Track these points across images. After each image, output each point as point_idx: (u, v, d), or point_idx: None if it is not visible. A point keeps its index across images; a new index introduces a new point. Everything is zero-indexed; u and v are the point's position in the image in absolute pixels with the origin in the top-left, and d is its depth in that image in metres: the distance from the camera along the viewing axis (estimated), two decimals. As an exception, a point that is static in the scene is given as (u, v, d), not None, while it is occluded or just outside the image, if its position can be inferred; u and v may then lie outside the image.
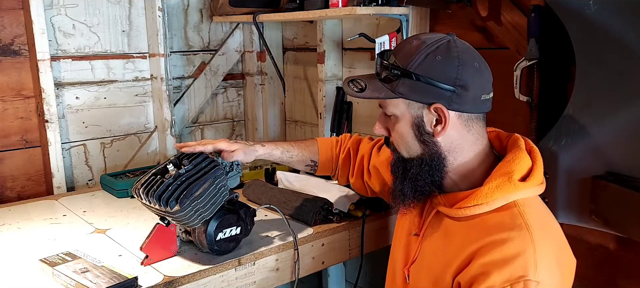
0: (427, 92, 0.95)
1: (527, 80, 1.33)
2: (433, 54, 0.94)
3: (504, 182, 0.94)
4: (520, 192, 0.94)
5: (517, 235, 0.89)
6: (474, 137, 0.99)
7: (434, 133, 0.97)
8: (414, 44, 0.97)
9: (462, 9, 1.49)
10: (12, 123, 1.82)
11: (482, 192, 0.95)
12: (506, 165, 0.96)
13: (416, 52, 0.95)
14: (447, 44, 0.96)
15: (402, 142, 1.01)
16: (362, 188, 1.37)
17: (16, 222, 1.55)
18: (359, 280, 1.62)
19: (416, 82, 0.94)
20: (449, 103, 0.94)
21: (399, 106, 0.99)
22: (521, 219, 0.92)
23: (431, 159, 0.99)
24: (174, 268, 1.22)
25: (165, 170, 1.21)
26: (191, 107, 2.24)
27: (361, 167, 1.34)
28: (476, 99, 0.96)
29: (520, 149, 0.99)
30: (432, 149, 0.98)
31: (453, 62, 0.94)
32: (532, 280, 0.86)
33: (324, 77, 2.04)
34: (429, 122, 0.97)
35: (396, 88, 0.97)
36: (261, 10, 2.01)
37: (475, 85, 0.95)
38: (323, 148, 1.38)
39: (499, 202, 0.94)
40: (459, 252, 0.95)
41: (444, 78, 0.94)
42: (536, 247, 0.88)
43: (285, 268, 1.36)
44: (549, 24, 1.24)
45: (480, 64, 0.97)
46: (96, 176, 1.99)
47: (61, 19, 1.87)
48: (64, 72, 1.89)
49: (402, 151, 1.03)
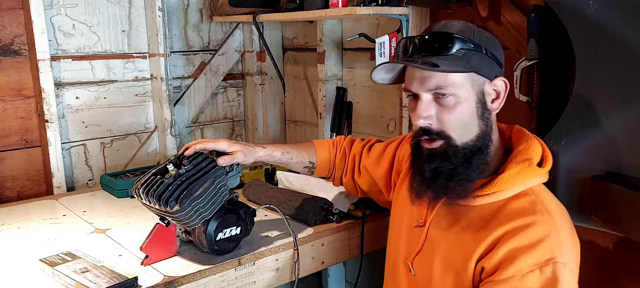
0: (492, 66, 0.97)
1: (527, 80, 1.33)
2: (479, 32, 0.98)
3: (525, 167, 0.96)
4: (538, 177, 0.98)
5: (540, 220, 0.92)
6: (494, 122, 1.02)
7: (491, 110, 0.99)
8: (457, 25, 0.98)
9: (462, 9, 1.49)
10: (12, 123, 1.82)
11: (503, 178, 0.96)
12: (524, 152, 0.99)
13: (469, 30, 0.97)
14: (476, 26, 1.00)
15: (460, 124, 0.96)
16: (353, 187, 1.39)
17: (16, 222, 1.55)
18: (359, 280, 1.62)
19: (484, 56, 0.96)
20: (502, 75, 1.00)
21: (463, 85, 0.95)
22: (541, 205, 0.94)
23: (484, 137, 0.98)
24: (174, 268, 1.22)
25: (165, 170, 1.21)
26: (191, 107, 2.24)
27: (353, 166, 1.37)
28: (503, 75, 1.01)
29: (530, 137, 1.02)
30: (487, 126, 0.98)
31: (493, 39, 1.00)
32: (559, 262, 0.89)
33: (324, 77, 2.04)
34: (490, 97, 0.99)
35: (469, 61, 0.94)
36: (261, 10, 2.01)
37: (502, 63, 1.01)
38: (320, 150, 1.40)
39: (517, 188, 0.96)
40: (480, 240, 0.95)
41: (499, 53, 0.99)
42: (559, 230, 0.91)
43: (285, 268, 1.36)
44: (549, 23, 1.24)
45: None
46: (96, 176, 1.99)
47: (61, 18, 1.87)
48: (64, 72, 1.90)
49: (455, 136, 0.96)
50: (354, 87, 2.04)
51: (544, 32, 1.27)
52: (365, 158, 1.34)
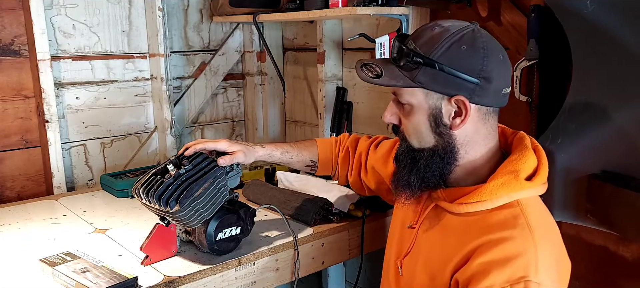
0: (449, 83, 0.91)
1: (527, 80, 1.33)
2: (458, 43, 0.90)
3: (510, 179, 0.93)
4: (525, 191, 0.93)
5: (518, 235, 0.88)
6: (487, 131, 0.97)
7: (451, 126, 0.94)
8: (436, 32, 0.92)
9: (462, 10, 1.49)
10: (12, 123, 1.82)
11: (487, 188, 0.93)
12: (513, 163, 0.95)
13: (439, 40, 0.91)
14: (472, 33, 0.92)
15: (415, 132, 0.98)
16: (359, 186, 1.37)
17: (16, 222, 1.55)
18: (359, 280, 1.62)
19: (438, 72, 0.90)
20: (471, 95, 0.91)
21: (416, 95, 0.94)
22: (523, 219, 0.90)
23: (444, 152, 0.96)
24: (174, 268, 1.22)
25: (165, 170, 1.21)
26: (191, 107, 2.24)
27: (359, 164, 1.35)
28: (498, 92, 0.94)
29: (526, 148, 0.97)
30: (446, 141, 0.95)
31: (478, 52, 0.90)
32: (532, 281, 0.84)
33: (324, 77, 2.04)
34: (447, 114, 0.94)
35: (416, 76, 0.92)
36: (261, 10, 2.01)
37: (498, 77, 0.92)
38: (322, 148, 1.38)
39: (502, 200, 0.92)
40: (458, 249, 0.93)
41: (468, 69, 0.90)
42: (537, 247, 0.87)
43: (285, 268, 1.36)
44: (549, 24, 1.24)
45: (503, 56, 0.94)
46: (96, 176, 1.99)
47: (61, 19, 1.87)
48: (64, 72, 1.90)
49: (413, 141, 0.99)
50: (354, 87, 2.04)
51: (544, 32, 1.27)
52: (372, 156, 1.31)
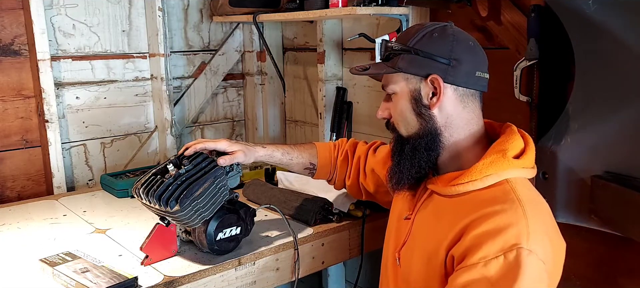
0: (424, 64, 1.01)
1: (527, 80, 1.33)
2: (430, 33, 1.02)
3: (498, 158, 0.98)
4: (514, 170, 0.98)
5: (509, 207, 0.92)
6: (469, 115, 1.03)
7: (430, 105, 1.01)
8: (415, 28, 1.06)
9: (462, 9, 1.49)
10: (12, 123, 1.82)
11: (477, 168, 0.98)
12: (500, 144, 1.01)
13: (415, 33, 1.03)
14: (444, 27, 1.04)
15: (401, 118, 1.06)
16: (357, 190, 1.38)
17: (16, 222, 1.55)
18: (359, 280, 1.62)
19: (415, 57, 1.01)
20: (444, 75, 1.00)
21: (398, 82, 1.05)
22: (513, 194, 0.94)
23: (427, 133, 1.03)
24: (174, 268, 1.22)
25: (165, 170, 1.21)
26: (191, 107, 2.24)
27: (358, 168, 1.36)
28: (470, 74, 1.01)
29: (513, 132, 1.03)
30: (429, 123, 1.02)
31: (448, 38, 1.01)
32: (524, 248, 0.87)
33: (324, 77, 2.04)
34: (426, 94, 1.02)
35: (396, 64, 1.03)
36: (261, 10, 2.01)
37: (468, 60, 1.01)
38: (322, 151, 1.39)
39: (492, 179, 0.97)
40: (451, 227, 0.96)
41: (439, 51, 1.00)
42: (528, 219, 0.90)
43: (285, 268, 1.36)
44: (549, 23, 1.24)
45: (474, 44, 1.04)
46: (96, 176, 2.00)
47: (61, 19, 1.87)
48: (64, 72, 1.90)
49: (401, 129, 1.07)
50: (354, 87, 2.04)
51: (544, 32, 1.27)
52: (371, 159, 1.33)
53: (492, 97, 1.49)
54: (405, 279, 1.08)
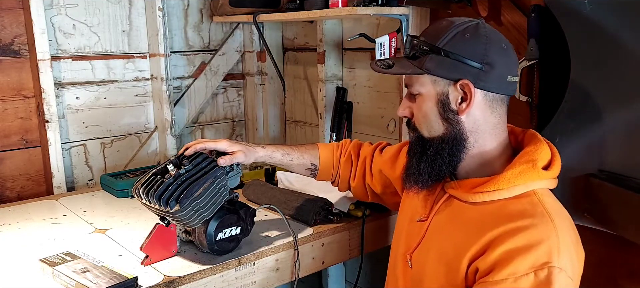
0: (454, 68, 0.95)
1: (527, 80, 1.33)
2: (462, 33, 0.96)
3: (528, 168, 0.95)
4: (542, 181, 0.96)
5: (539, 222, 0.90)
6: (496, 120, 0.99)
7: (458, 111, 0.97)
8: (443, 24, 0.99)
9: (462, 9, 1.49)
10: (12, 123, 1.82)
11: (504, 177, 0.95)
12: (529, 153, 0.97)
13: (445, 31, 0.97)
14: (476, 25, 0.97)
15: (425, 121, 1.01)
16: (363, 192, 1.36)
17: (16, 222, 1.55)
18: (359, 280, 1.62)
19: (444, 58, 0.95)
20: (475, 80, 0.95)
21: (425, 84, 0.99)
22: (542, 207, 0.92)
23: (453, 138, 0.99)
24: (174, 268, 1.22)
25: (165, 170, 1.21)
26: (191, 107, 2.24)
27: (363, 169, 1.34)
28: (502, 79, 0.97)
29: (540, 141, 1.00)
30: (455, 128, 0.98)
31: (481, 39, 0.95)
32: (555, 266, 0.86)
33: (324, 77, 2.04)
34: (454, 99, 0.97)
35: (424, 64, 0.97)
36: (261, 10, 2.01)
37: (501, 63, 0.96)
38: (324, 152, 1.38)
39: (519, 189, 0.94)
40: (475, 238, 0.94)
41: (471, 54, 0.95)
42: (559, 233, 0.89)
43: (285, 268, 1.36)
44: (549, 24, 1.24)
45: (507, 46, 0.98)
46: (96, 176, 2.00)
47: (61, 18, 1.87)
48: (64, 72, 1.90)
49: (424, 130, 1.03)
50: (354, 87, 2.04)
51: (544, 32, 1.27)
52: (378, 160, 1.31)
53: (492, 97, 1.50)
54: (417, 282, 1.06)
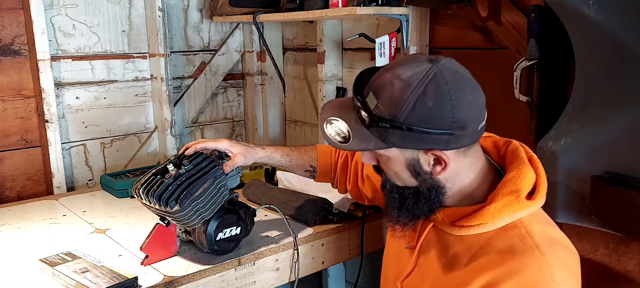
0: (422, 140, 0.88)
1: (527, 80, 1.33)
2: (422, 100, 0.86)
3: (512, 200, 0.91)
4: (528, 210, 0.92)
5: (530, 261, 0.86)
6: (470, 159, 0.94)
7: (432, 173, 0.93)
8: (397, 87, 0.87)
9: (462, 9, 1.49)
10: (12, 123, 1.82)
11: (489, 211, 0.91)
12: (512, 182, 0.93)
13: (403, 99, 0.86)
14: (436, 82, 0.86)
15: (397, 177, 0.97)
16: (358, 195, 1.35)
17: (16, 222, 1.55)
18: (359, 280, 1.62)
19: (408, 133, 0.87)
20: (446, 145, 0.89)
21: (391, 150, 0.93)
22: (531, 240, 0.88)
23: (429, 191, 0.95)
24: (174, 268, 1.22)
25: (165, 170, 1.21)
26: (191, 107, 2.24)
27: (356, 173, 1.32)
28: (474, 132, 0.90)
29: (523, 162, 0.95)
30: (430, 183, 0.95)
31: (446, 105, 0.86)
32: None
33: (324, 77, 2.04)
34: (426, 162, 0.92)
35: (386, 138, 0.89)
36: (261, 10, 2.01)
37: (472, 119, 0.89)
38: (322, 154, 1.37)
39: (505, 221, 0.91)
40: (468, 277, 0.91)
41: (438, 124, 0.86)
42: (552, 269, 0.86)
43: (285, 268, 1.36)
44: (549, 24, 1.24)
45: (473, 94, 0.89)
46: (96, 176, 1.99)
47: (61, 19, 1.87)
48: (64, 72, 1.89)
49: (397, 182, 0.99)
50: (354, 87, 2.04)
51: (544, 32, 1.27)
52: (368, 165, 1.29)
53: (492, 97, 1.49)
54: None
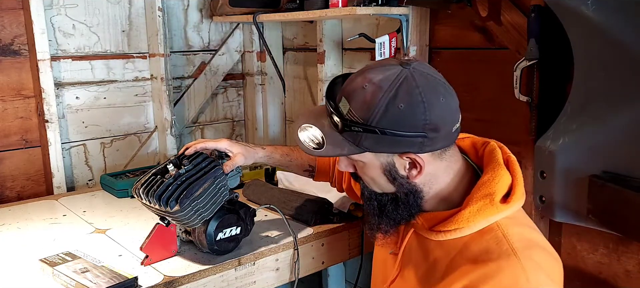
0: (395, 143, 0.88)
1: (527, 80, 1.33)
2: (394, 103, 0.86)
3: (486, 205, 0.91)
4: (502, 213, 0.91)
5: (506, 265, 0.86)
6: (447, 162, 0.95)
7: (409, 177, 0.93)
8: (369, 91, 0.87)
9: (462, 9, 1.49)
10: (12, 123, 1.82)
11: (463, 216, 0.91)
12: (486, 185, 0.92)
13: (375, 102, 0.86)
14: (407, 85, 0.87)
15: (374, 183, 0.97)
16: (354, 195, 1.34)
17: (16, 222, 1.55)
18: (359, 280, 1.62)
19: (382, 136, 0.87)
20: (420, 148, 0.89)
21: (365, 155, 0.93)
22: (506, 244, 0.88)
23: (407, 196, 0.95)
24: (174, 268, 1.22)
25: (165, 170, 1.21)
26: (191, 107, 2.24)
27: None
28: (448, 134, 0.90)
29: (498, 165, 0.94)
30: (407, 188, 0.95)
31: (418, 107, 0.86)
32: None
33: (324, 77, 2.03)
34: (402, 166, 0.93)
35: (360, 142, 0.89)
36: (261, 10, 2.01)
37: (445, 122, 0.89)
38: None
39: (480, 225, 0.91)
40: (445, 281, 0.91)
41: (411, 127, 0.86)
42: (528, 274, 0.85)
43: (285, 268, 1.36)
44: (549, 24, 1.24)
45: (445, 96, 0.89)
46: (96, 176, 1.99)
47: (61, 19, 1.87)
48: (64, 72, 1.89)
49: (374, 188, 0.99)
50: (354, 87, 2.04)
51: (544, 32, 1.27)
52: None
53: (492, 97, 1.50)
54: None
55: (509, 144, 1.03)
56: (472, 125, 1.06)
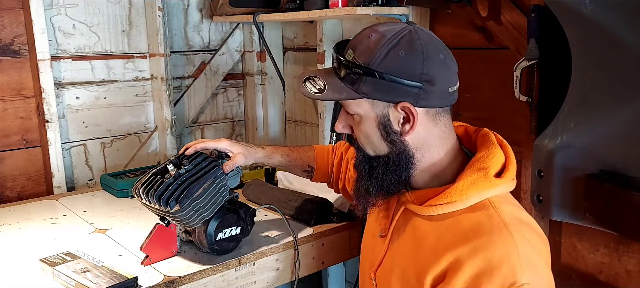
0: (392, 90, 0.90)
1: (527, 80, 1.33)
2: (395, 49, 0.89)
3: (480, 178, 0.91)
4: (496, 188, 0.91)
5: (498, 238, 0.86)
6: (441, 131, 0.95)
7: (402, 132, 0.93)
8: (373, 39, 0.91)
9: (462, 9, 1.49)
10: (12, 123, 1.82)
11: (456, 188, 0.91)
12: (481, 161, 0.93)
13: (377, 48, 0.90)
14: (409, 36, 0.90)
15: (368, 141, 0.97)
16: (348, 194, 1.33)
17: (16, 222, 1.55)
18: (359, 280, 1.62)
19: (380, 81, 0.89)
20: (416, 100, 0.90)
21: (362, 105, 0.94)
22: (499, 219, 0.88)
23: (398, 158, 0.95)
24: (174, 268, 1.22)
25: (166, 170, 1.21)
26: (191, 107, 2.24)
27: (346, 171, 1.32)
28: (443, 93, 0.92)
29: (492, 144, 0.96)
30: (400, 148, 0.95)
31: (417, 56, 0.89)
32: (523, 283, 0.83)
33: (324, 77, 2.03)
34: (396, 120, 0.93)
35: (359, 87, 0.91)
36: (261, 10, 2.01)
37: (442, 78, 0.91)
38: (320, 154, 1.38)
39: (473, 200, 0.90)
40: (434, 257, 0.90)
41: (409, 74, 0.89)
42: (518, 247, 0.85)
43: (285, 268, 1.36)
44: (549, 24, 1.24)
45: (445, 55, 0.93)
46: (96, 176, 1.99)
47: (61, 18, 1.87)
48: (64, 72, 1.90)
49: (368, 150, 0.99)
50: (354, 87, 2.03)
51: (544, 32, 1.27)
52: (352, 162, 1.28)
53: (492, 97, 1.50)
54: None
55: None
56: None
